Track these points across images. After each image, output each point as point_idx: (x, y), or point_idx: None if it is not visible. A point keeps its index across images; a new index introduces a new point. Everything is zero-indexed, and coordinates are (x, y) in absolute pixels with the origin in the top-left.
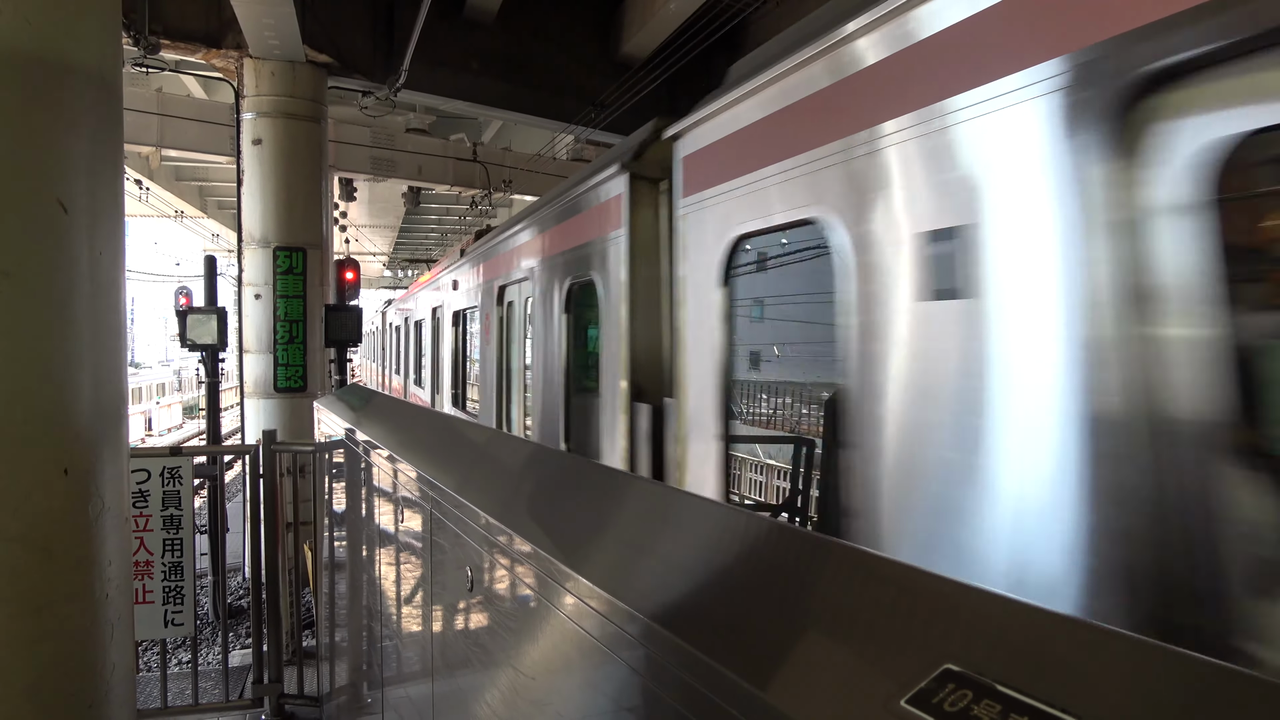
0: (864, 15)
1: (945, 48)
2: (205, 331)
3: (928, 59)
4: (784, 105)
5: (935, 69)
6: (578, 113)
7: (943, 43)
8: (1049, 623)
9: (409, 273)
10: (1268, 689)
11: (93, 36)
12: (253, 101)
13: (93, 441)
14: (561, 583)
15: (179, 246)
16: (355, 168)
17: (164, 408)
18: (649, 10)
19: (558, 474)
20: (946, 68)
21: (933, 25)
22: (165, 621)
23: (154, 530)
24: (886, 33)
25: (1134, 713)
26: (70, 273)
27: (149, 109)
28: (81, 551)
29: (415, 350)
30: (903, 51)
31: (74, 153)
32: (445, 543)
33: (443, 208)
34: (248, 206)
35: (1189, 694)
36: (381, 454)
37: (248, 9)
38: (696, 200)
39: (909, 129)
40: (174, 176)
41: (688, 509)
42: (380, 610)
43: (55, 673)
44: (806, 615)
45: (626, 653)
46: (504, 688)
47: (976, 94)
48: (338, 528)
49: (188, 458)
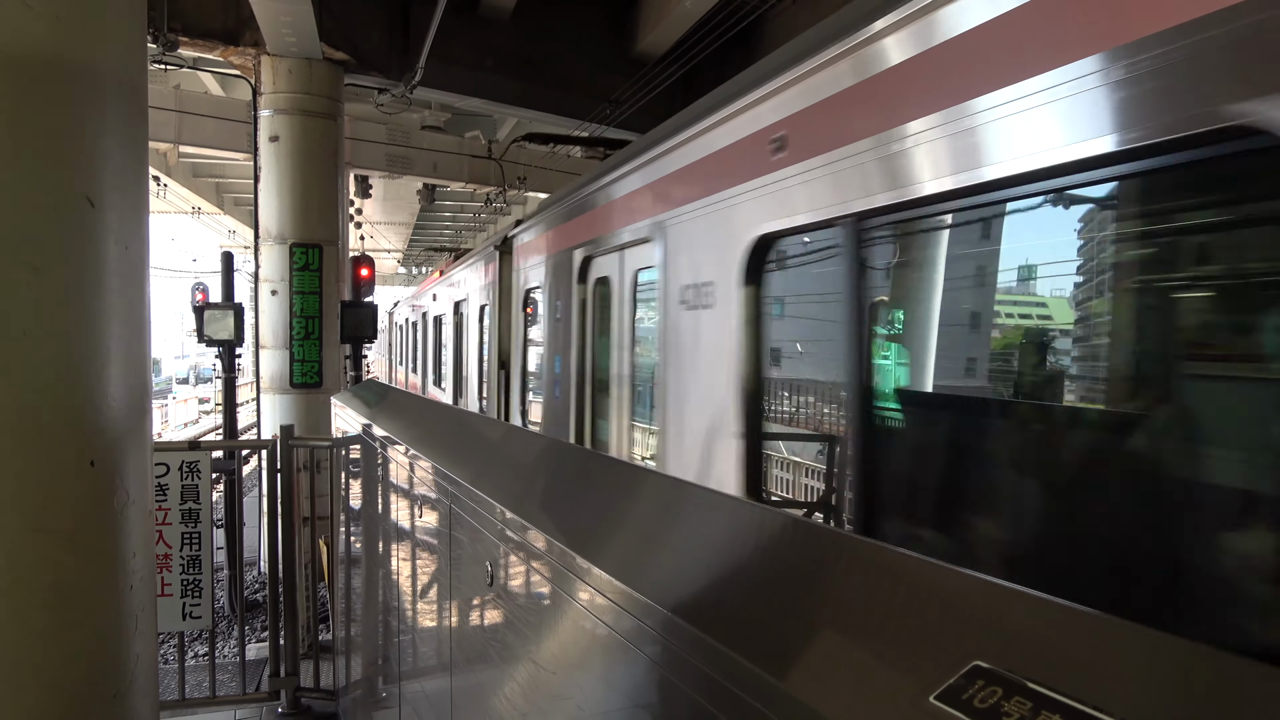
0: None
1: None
2: (223, 327)
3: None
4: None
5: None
6: (592, 110)
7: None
8: (1075, 619)
9: (424, 269)
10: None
11: (118, 36)
12: (270, 99)
13: (118, 435)
14: (581, 576)
15: (196, 242)
16: (371, 165)
17: (180, 403)
18: (664, 8)
19: (573, 468)
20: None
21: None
22: (183, 614)
23: (172, 524)
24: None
25: (1164, 709)
26: (97, 268)
27: (167, 106)
28: (107, 543)
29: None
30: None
31: (101, 149)
32: (464, 537)
33: (457, 205)
34: (264, 203)
35: (1218, 690)
36: (399, 449)
37: (265, 7)
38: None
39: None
40: (191, 173)
41: (704, 503)
42: (397, 605)
43: (81, 663)
44: (828, 611)
45: (648, 646)
46: (523, 682)
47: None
48: (354, 522)
49: (206, 452)
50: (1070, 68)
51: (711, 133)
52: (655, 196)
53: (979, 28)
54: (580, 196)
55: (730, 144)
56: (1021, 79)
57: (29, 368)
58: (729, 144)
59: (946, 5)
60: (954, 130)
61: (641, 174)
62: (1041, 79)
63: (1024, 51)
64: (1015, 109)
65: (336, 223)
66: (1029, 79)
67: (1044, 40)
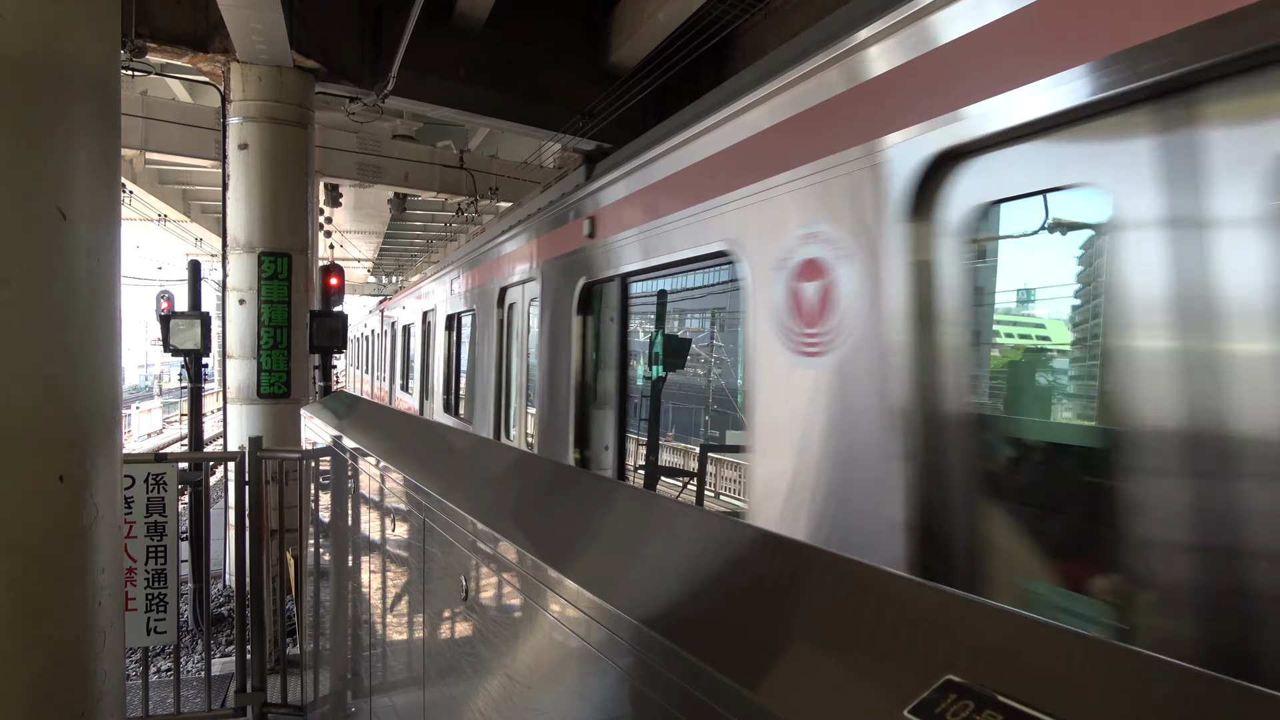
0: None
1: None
2: (188, 337)
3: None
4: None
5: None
6: (565, 121)
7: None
8: (1046, 634)
9: (394, 279)
10: (1264, 700)
11: (92, 42)
12: (239, 106)
13: (88, 448)
14: (552, 588)
15: (161, 250)
16: (341, 173)
17: (143, 413)
18: (638, 19)
19: (545, 480)
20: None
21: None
22: (148, 629)
23: (137, 537)
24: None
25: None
26: (68, 280)
27: (134, 112)
28: (75, 559)
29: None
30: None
31: (73, 159)
32: (436, 550)
33: (428, 214)
34: (233, 211)
35: (1187, 705)
36: (370, 461)
37: (235, 14)
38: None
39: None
40: (158, 180)
41: (675, 516)
42: (368, 618)
43: (48, 681)
44: (801, 623)
45: (620, 658)
46: (495, 694)
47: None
48: (323, 534)
49: (173, 464)
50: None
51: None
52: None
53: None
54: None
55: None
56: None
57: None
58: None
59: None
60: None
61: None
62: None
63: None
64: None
65: (306, 231)
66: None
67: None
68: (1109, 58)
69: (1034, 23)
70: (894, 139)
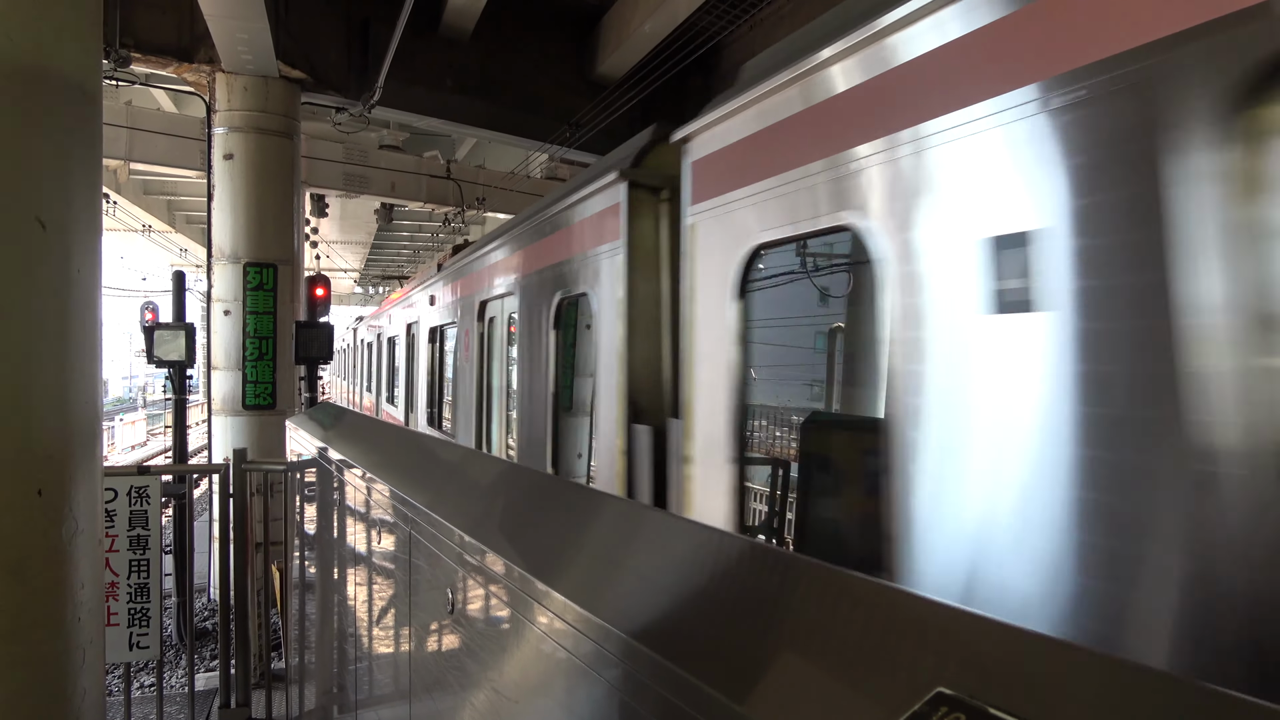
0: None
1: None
2: (173, 348)
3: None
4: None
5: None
6: (552, 132)
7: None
8: (1038, 645)
9: (380, 289)
10: (1256, 712)
11: (74, 51)
12: (224, 116)
13: (67, 462)
14: (540, 600)
15: (146, 261)
16: (328, 184)
17: (127, 425)
18: (624, 31)
19: (533, 492)
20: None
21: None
22: (130, 645)
23: (120, 551)
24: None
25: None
26: (47, 291)
27: (118, 122)
28: (54, 574)
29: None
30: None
31: (54, 169)
32: (423, 562)
33: (415, 224)
34: (218, 221)
35: (1181, 716)
36: (356, 473)
37: (221, 24)
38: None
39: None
40: (142, 190)
41: (664, 527)
42: (354, 632)
43: (26, 700)
44: (790, 636)
45: (608, 671)
46: (483, 708)
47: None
48: (309, 548)
49: (156, 477)
50: None
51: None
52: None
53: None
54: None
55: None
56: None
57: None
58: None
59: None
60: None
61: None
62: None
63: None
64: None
65: (292, 242)
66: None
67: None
68: None
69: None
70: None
